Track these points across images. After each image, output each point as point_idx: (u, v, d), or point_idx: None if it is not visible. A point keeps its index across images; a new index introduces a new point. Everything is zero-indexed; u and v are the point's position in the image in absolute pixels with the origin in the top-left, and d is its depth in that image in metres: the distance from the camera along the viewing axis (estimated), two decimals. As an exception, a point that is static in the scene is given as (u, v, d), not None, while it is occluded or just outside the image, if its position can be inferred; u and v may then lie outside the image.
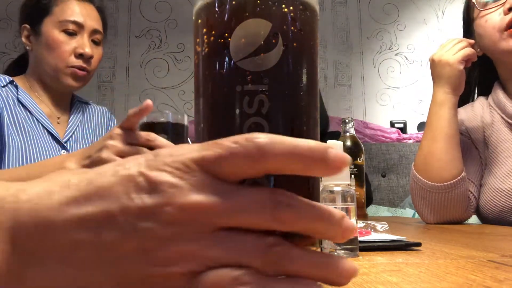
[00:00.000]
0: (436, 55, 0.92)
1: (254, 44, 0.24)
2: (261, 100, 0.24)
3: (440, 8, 2.75)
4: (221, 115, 0.25)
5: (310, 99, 0.26)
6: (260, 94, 0.24)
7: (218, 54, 0.25)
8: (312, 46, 0.27)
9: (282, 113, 0.25)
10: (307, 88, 0.26)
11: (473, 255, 0.42)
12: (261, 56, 0.24)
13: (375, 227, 0.57)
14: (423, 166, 0.90)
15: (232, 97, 0.24)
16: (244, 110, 0.24)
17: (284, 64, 0.25)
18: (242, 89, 0.24)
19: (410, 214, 1.62)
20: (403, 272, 0.33)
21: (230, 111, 0.24)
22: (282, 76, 0.25)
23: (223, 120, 0.25)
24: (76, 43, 1.03)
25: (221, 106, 0.25)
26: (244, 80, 0.24)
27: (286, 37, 0.25)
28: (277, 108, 0.24)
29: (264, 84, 0.24)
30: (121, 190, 0.20)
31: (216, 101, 0.25)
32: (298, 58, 0.25)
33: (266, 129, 0.24)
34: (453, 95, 0.90)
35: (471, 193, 0.92)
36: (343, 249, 0.41)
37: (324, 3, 2.74)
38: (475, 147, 0.97)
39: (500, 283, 0.29)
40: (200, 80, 0.26)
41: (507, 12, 0.86)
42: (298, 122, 0.25)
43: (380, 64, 2.70)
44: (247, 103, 0.24)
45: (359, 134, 2.25)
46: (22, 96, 1.02)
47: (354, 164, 0.91)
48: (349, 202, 0.41)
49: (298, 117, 0.25)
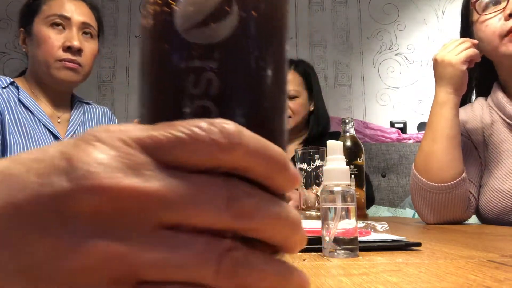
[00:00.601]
0: (439, 55, 0.92)
1: (203, 11, 0.20)
2: (209, 79, 0.20)
3: (440, 8, 2.75)
4: (161, 97, 0.21)
5: (273, 82, 0.22)
6: (209, 72, 0.20)
7: (163, 25, 0.21)
8: (279, 18, 0.23)
9: (236, 96, 0.20)
10: (269, 68, 0.22)
11: (473, 255, 0.42)
12: (211, 26, 0.20)
13: (375, 227, 0.57)
14: (423, 166, 0.90)
15: (175, 75, 0.20)
16: (189, 90, 0.20)
17: (240, 36, 0.21)
18: (187, 66, 0.20)
19: (410, 214, 1.62)
20: (403, 272, 0.33)
21: (172, 92, 0.20)
22: (237, 51, 0.21)
23: (164, 103, 0.21)
24: (64, 37, 1.03)
25: (162, 87, 0.21)
26: (190, 55, 0.20)
27: (244, 5, 0.21)
28: (229, 89, 0.20)
29: (214, 60, 0.20)
30: (33, 174, 0.16)
31: (157, 80, 0.21)
32: (260, 30, 0.21)
33: (215, 114, 0.19)
34: (455, 96, 0.90)
35: (471, 193, 0.92)
36: (343, 249, 0.41)
37: (324, 3, 2.74)
38: (475, 148, 0.97)
39: (500, 283, 0.29)
40: (143, 57, 0.22)
41: (507, 18, 0.86)
42: (256, 109, 0.21)
43: (380, 64, 2.70)
44: (192, 83, 0.20)
45: (359, 134, 2.25)
46: (23, 97, 1.02)
47: (354, 164, 0.91)
48: (349, 202, 0.41)
49: (257, 103, 0.21)
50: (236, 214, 0.16)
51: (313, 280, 0.31)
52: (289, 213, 0.18)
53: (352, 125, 0.95)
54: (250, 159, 0.17)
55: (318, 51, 2.68)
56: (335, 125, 2.07)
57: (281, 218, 0.17)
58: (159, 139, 0.16)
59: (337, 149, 0.44)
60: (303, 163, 0.85)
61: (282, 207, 0.17)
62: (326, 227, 0.42)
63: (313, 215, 0.83)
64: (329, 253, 0.41)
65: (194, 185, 0.16)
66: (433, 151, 0.89)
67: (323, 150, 0.84)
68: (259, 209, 0.16)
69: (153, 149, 0.16)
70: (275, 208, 0.17)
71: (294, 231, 0.18)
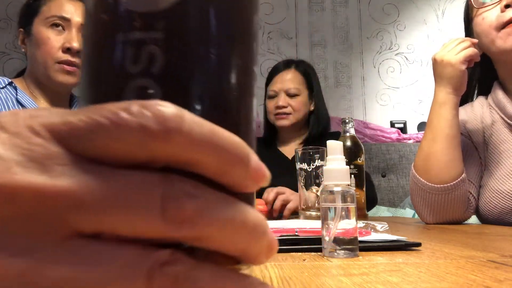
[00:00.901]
0: (438, 55, 0.91)
1: None
2: (151, 53, 0.16)
3: (440, 8, 2.75)
4: (98, 76, 0.18)
5: (233, 59, 0.18)
6: (151, 45, 0.16)
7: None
8: None
9: (184, 75, 0.17)
10: (227, 41, 0.18)
11: (473, 255, 0.42)
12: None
13: (375, 227, 0.57)
14: (423, 166, 0.90)
15: (112, 50, 0.17)
16: (127, 67, 0.16)
17: (191, 3, 0.17)
18: (125, 38, 0.16)
19: (410, 214, 1.62)
20: (403, 272, 0.33)
21: (109, 71, 0.17)
22: (186, 21, 0.17)
23: (99, 84, 0.18)
24: (64, 38, 1.03)
25: (98, 64, 0.18)
26: (129, 26, 0.17)
27: None
28: (175, 67, 0.17)
29: (157, 31, 0.16)
30: None
31: (94, 57, 0.18)
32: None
33: (157, 96, 0.16)
34: (454, 95, 0.90)
35: (471, 194, 0.92)
36: (343, 249, 0.41)
37: (324, 3, 2.74)
38: (475, 148, 0.97)
39: (500, 283, 0.29)
40: (83, 32, 0.19)
41: (503, 9, 0.85)
42: (210, 91, 0.17)
43: (380, 64, 2.70)
44: (132, 58, 0.16)
45: (359, 134, 2.25)
46: (21, 97, 1.03)
47: (354, 164, 0.91)
48: (349, 202, 0.41)
49: (211, 84, 0.17)
50: (173, 219, 0.13)
51: (313, 280, 0.31)
52: (247, 216, 0.14)
53: (352, 125, 0.95)
54: (194, 150, 0.13)
55: (318, 51, 2.68)
56: (335, 125, 2.07)
57: (235, 223, 0.14)
58: (76, 126, 0.13)
59: (337, 149, 0.44)
60: (303, 163, 0.85)
61: (237, 210, 0.14)
62: (326, 227, 0.42)
63: (313, 215, 0.83)
64: (329, 253, 0.41)
65: (118, 182, 0.13)
66: (433, 151, 0.89)
67: (323, 150, 0.84)
68: (203, 214, 0.13)
69: (68, 138, 0.13)
70: (226, 211, 0.14)
71: (254, 238, 0.15)
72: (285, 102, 1.47)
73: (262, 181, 0.15)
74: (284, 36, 2.66)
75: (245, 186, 0.15)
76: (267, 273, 0.33)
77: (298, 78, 1.51)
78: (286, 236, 0.47)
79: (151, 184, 0.13)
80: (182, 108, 0.14)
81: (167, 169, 0.14)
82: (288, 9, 2.70)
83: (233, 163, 0.14)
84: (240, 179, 0.15)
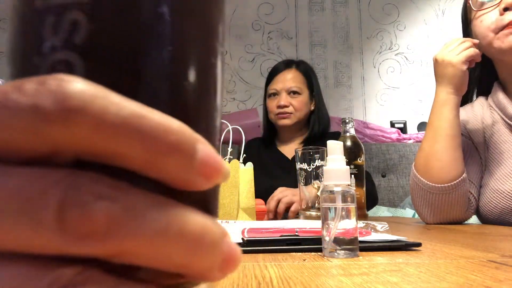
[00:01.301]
0: (439, 55, 0.92)
1: None
2: (74, 20, 0.13)
3: (440, 8, 2.75)
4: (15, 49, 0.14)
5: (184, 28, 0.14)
6: (74, 10, 0.13)
7: None
8: None
9: (117, 46, 0.13)
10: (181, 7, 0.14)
11: (473, 255, 0.42)
12: None
13: (375, 227, 0.57)
14: (423, 166, 0.90)
15: (30, 18, 0.14)
16: (45, 38, 0.13)
17: None
18: (44, 4, 0.13)
19: (410, 214, 1.62)
20: (403, 272, 0.33)
21: (26, 42, 0.14)
22: None
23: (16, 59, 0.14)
24: None
25: (16, 36, 0.14)
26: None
27: None
28: (106, 36, 0.13)
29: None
30: None
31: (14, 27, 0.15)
32: None
33: (81, 73, 0.13)
34: (455, 95, 0.90)
35: (471, 194, 0.92)
36: (343, 249, 0.41)
37: (324, 3, 2.74)
38: (475, 148, 0.97)
39: (500, 283, 0.29)
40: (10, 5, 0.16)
41: (502, 12, 0.86)
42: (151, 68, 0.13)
43: (380, 64, 2.70)
44: (51, 27, 0.13)
45: (359, 134, 2.25)
46: None
47: (354, 164, 0.91)
48: (349, 202, 0.41)
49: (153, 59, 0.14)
50: (73, 232, 0.10)
51: (313, 280, 0.31)
52: (186, 224, 0.11)
53: (352, 125, 0.95)
54: (106, 136, 0.10)
55: (318, 51, 2.68)
56: (335, 125, 2.07)
57: (169, 234, 0.11)
58: None
59: (337, 149, 0.44)
60: (303, 163, 0.85)
61: (172, 216, 0.11)
62: (326, 227, 0.42)
63: (313, 215, 0.83)
64: (329, 253, 0.41)
65: (3, 184, 0.10)
66: (434, 151, 0.89)
67: (323, 150, 0.84)
68: (120, 222, 0.10)
69: None
70: (155, 218, 0.11)
71: (199, 252, 0.11)
72: (286, 101, 1.47)
73: (216, 177, 0.12)
74: (284, 36, 2.66)
75: (192, 183, 0.12)
76: (267, 273, 0.33)
77: (299, 78, 1.52)
78: (286, 236, 0.47)
79: (46, 185, 0.10)
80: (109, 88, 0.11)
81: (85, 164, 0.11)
82: (288, 9, 2.70)
83: (167, 152, 0.11)
84: (181, 173, 0.11)
